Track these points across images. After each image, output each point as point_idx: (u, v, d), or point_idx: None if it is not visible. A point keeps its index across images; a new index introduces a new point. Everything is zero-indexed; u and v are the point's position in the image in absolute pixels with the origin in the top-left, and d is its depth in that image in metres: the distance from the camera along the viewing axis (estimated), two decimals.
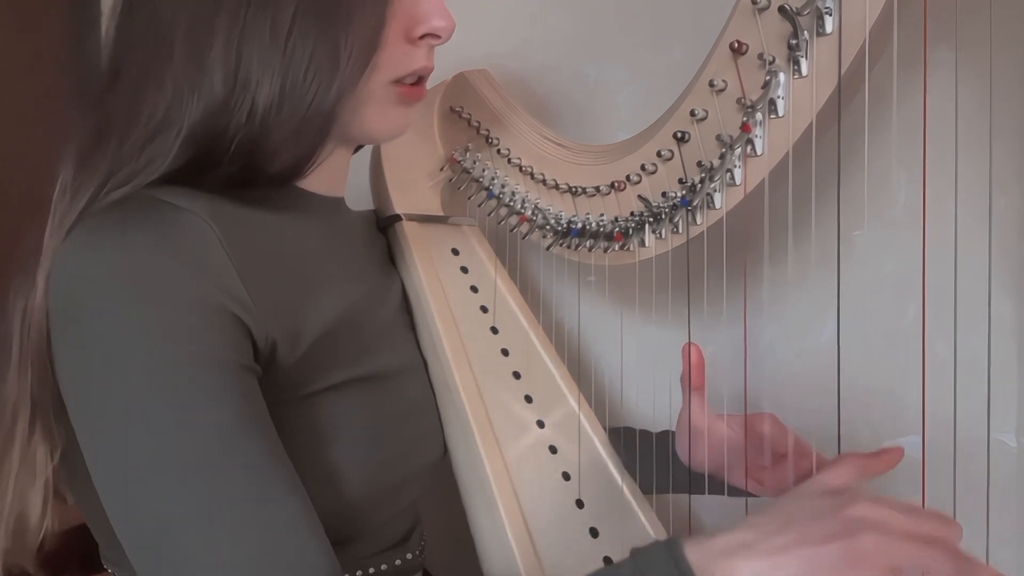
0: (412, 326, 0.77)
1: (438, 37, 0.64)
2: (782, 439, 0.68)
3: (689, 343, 0.71)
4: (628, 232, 0.76)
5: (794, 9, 0.62)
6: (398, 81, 0.64)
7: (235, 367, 0.53)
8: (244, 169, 0.59)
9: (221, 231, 0.54)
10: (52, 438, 0.57)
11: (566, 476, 0.75)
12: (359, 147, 0.74)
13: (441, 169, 0.89)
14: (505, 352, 0.80)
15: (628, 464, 0.77)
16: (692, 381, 0.71)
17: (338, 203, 0.72)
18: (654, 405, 0.93)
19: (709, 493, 0.77)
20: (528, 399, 0.78)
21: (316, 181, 0.67)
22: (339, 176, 0.70)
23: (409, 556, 0.71)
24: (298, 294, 0.60)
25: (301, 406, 0.59)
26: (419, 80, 0.66)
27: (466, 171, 0.86)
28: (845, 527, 0.49)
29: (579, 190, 0.79)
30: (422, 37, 0.63)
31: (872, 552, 0.48)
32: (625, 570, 0.51)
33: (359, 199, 0.83)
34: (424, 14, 0.62)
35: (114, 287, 0.51)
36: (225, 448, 0.50)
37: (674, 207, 0.72)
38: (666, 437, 0.81)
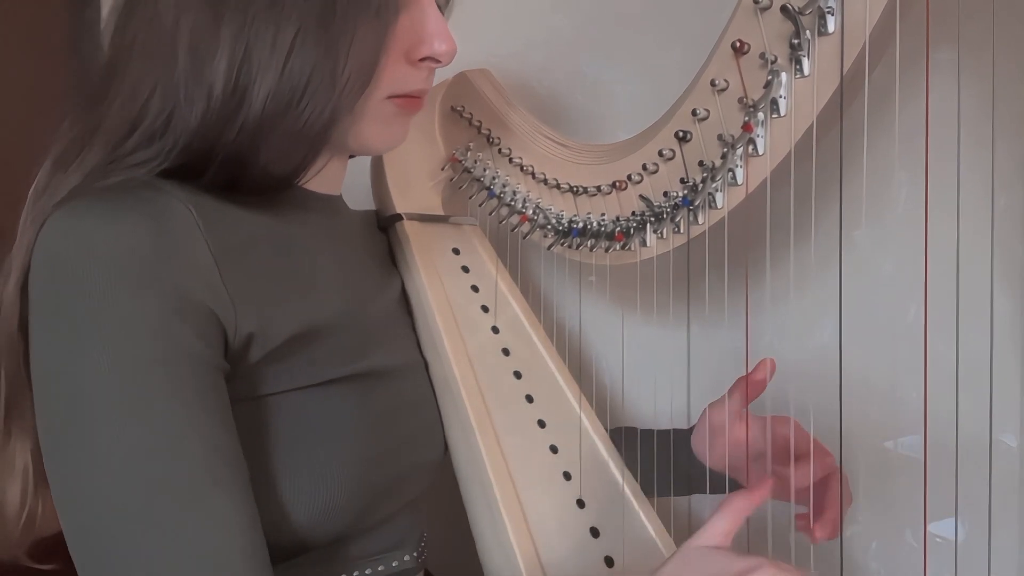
0: (412, 326, 0.76)
1: (438, 61, 0.64)
2: (804, 442, 0.68)
3: (770, 361, 0.71)
4: (629, 232, 0.76)
5: (796, 8, 0.62)
6: (394, 95, 0.64)
7: (199, 360, 0.52)
8: (230, 179, 0.59)
9: (203, 220, 0.54)
10: (29, 426, 0.57)
11: (567, 476, 0.75)
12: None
13: (442, 169, 0.89)
14: (506, 352, 0.80)
15: (629, 464, 0.77)
16: (750, 392, 0.72)
17: (334, 201, 0.72)
18: (655, 405, 0.93)
19: (711, 493, 0.77)
20: (529, 399, 0.78)
21: (311, 180, 0.66)
22: (335, 177, 0.70)
23: (407, 558, 0.70)
24: (282, 287, 0.60)
25: (288, 401, 0.59)
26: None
27: (467, 171, 0.86)
28: None
29: (580, 189, 0.79)
30: (423, 59, 0.63)
31: None
32: None
33: (359, 199, 0.83)
34: (427, 36, 0.62)
35: (90, 267, 0.50)
36: (170, 443, 0.50)
37: (675, 207, 0.72)
38: (667, 437, 0.80)
